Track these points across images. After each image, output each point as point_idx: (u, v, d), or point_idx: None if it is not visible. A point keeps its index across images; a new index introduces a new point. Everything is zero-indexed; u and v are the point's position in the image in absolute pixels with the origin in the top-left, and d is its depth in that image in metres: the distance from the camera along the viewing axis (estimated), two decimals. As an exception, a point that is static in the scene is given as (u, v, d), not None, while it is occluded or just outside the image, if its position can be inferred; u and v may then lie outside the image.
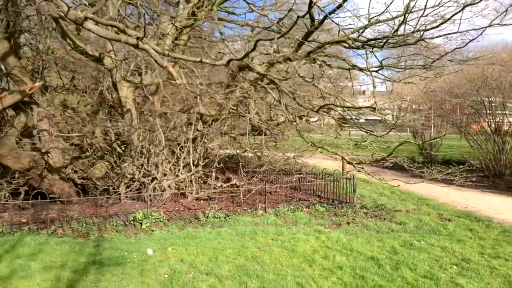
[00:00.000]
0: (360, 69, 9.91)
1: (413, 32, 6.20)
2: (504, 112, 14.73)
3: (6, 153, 7.14)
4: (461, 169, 7.33)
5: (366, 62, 7.20)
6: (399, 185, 7.53)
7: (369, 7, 9.20)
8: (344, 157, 8.25)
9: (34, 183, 7.84)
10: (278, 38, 6.27)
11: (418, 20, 5.96)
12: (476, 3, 5.07)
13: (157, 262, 5.16)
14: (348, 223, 7.58)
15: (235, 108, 9.30)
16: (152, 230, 6.64)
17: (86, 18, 4.99)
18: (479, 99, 14.78)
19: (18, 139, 7.91)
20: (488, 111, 15.25)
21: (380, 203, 9.22)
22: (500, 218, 8.06)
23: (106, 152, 9.06)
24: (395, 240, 6.42)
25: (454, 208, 9.01)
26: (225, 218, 7.51)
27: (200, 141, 9.63)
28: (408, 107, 18.87)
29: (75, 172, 9.21)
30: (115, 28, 5.24)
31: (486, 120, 15.34)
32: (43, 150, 8.31)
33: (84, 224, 6.74)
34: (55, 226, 6.54)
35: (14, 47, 7.80)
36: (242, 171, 10.09)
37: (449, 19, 5.47)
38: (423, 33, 6.54)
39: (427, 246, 6.15)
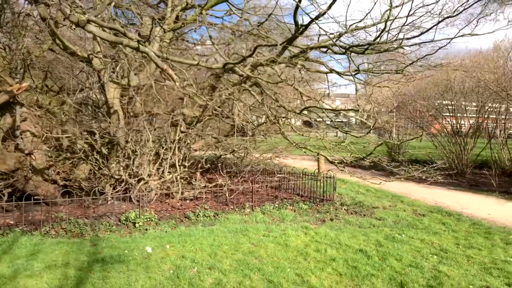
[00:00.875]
0: (338, 73, 10.40)
1: (395, 40, 6.67)
2: (465, 115, 15.74)
3: (-9, 154, 7.03)
4: (435, 168, 7.90)
5: (350, 67, 7.63)
6: (380, 183, 8.01)
7: (346, 15, 9.70)
8: (327, 157, 8.65)
9: (19, 185, 7.73)
10: (281, 44, 6.54)
11: (400, 30, 6.44)
12: (455, 15, 5.59)
13: (159, 259, 5.32)
14: (332, 219, 7.99)
15: (219, 109, 9.52)
16: (146, 229, 6.76)
17: (88, 21, 5.09)
18: (443, 102, 15.71)
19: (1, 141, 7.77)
20: (450, 114, 16.27)
21: (358, 200, 9.71)
22: (467, 213, 8.73)
23: (90, 153, 9.03)
24: (378, 234, 6.87)
25: (426, 204, 9.65)
26: (214, 217, 7.72)
27: (184, 142, 9.78)
28: (379, 109, 19.71)
29: (58, 173, 9.13)
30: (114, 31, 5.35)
31: (449, 122, 16.34)
32: (26, 151, 8.20)
33: (76, 225, 6.76)
34: (47, 227, 6.52)
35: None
36: (224, 172, 10.31)
37: (429, 29, 5.97)
38: (402, 41, 7.04)
39: (407, 239, 6.63)
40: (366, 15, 8.53)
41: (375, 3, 7.76)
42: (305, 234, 6.76)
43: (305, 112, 9.12)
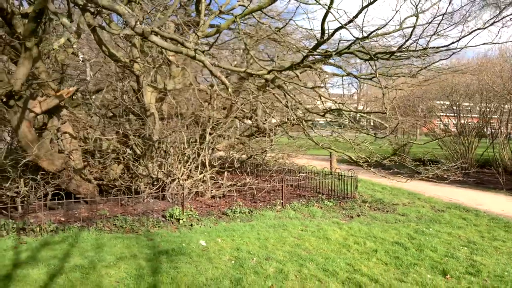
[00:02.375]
0: (355, 77, 10.89)
1: (424, 49, 7.17)
2: (469, 115, 16.37)
3: (42, 155, 7.39)
4: (455, 167, 8.43)
5: (376, 72, 8.10)
6: (407, 181, 8.51)
7: (362, 22, 10.16)
8: (351, 156, 9.15)
9: (63, 185, 8.10)
10: (335, 54, 6.98)
11: (430, 39, 6.93)
12: (485, 28, 6.10)
13: (216, 251, 5.76)
14: (358, 215, 8.48)
15: (245, 111, 9.97)
16: (191, 225, 7.19)
17: (152, 32, 5.51)
18: (448, 103, 16.32)
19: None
20: (455, 114, 16.89)
21: (377, 197, 10.22)
22: (483, 209, 9.28)
23: (125, 154, 9.42)
24: (407, 228, 7.38)
25: (442, 200, 10.19)
26: (249, 213, 8.16)
27: (211, 143, 10.21)
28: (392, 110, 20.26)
29: (91, 173, 9.51)
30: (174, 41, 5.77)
31: (454, 122, 16.96)
32: (66, 152, 8.58)
33: (124, 221, 7.16)
34: (100, 223, 6.93)
35: (40, 53, 8.03)
36: (248, 171, 10.77)
37: (459, 39, 6.46)
38: (427, 49, 7.54)
39: (435, 233, 7.14)
40: (387, 23, 9.06)
41: (396, 12, 8.25)
42: (339, 228, 7.24)
43: (331, 113, 9.59)
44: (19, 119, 6.98)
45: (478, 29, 6.01)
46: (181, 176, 9.03)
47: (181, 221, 7.35)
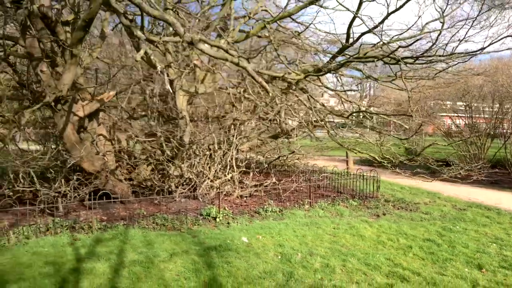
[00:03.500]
0: (375, 79, 11.21)
1: (452, 54, 7.49)
2: (482, 115, 16.66)
3: (83, 156, 7.73)
4: (478, 167, 8.74)
5: (402, 75, 8.44)
6: (432, 180, 8.81)
7: (382, 27, 10.44)
8: (376, 157, 9.46)
9: (100, 185, 8.44)
10: (362, 58, 7.28)
11: (457, 46, 7.25)
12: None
13: (260, 247, 6.09)
14: (384, 214, 8.79)
15: (271, 113, 10.30)
16: (228, 223, 7.52)
17: (200, 40, 5.85)
18: (463, 104, 16.62)
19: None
20: (468, 115, 17.19)
21: (398, 197, 10.52)
22: (503, 207, 9.57)
23: (154, 155, 9.77)
24: (434, 226, 7.69)
25: (461, 200, 10.49)
26: (280, 212, 8.48)
27: (236, 145, 10.54)
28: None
29: (122, 174, 9.85)
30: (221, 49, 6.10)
31: (467, 122, 17.27)
32: (101, 154, 8.92)
33: (163, 219, 7.49)
34: (143, 221, 7.27)
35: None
36: (272, 172, 11.10)
37: (487, 47, 6.77)
38: (453, 54, 7.86)
39: (462, 230, 7.45)
40: (409, 28, 9.41)
41: (419, 18, 8.58)
42: (370, 226, 7.55)
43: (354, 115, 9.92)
44: (65, 122, 7.33)
45: (508, 36, 6.32)
46: (212, 176, 9.36)
47: (217, 220, 7.67)
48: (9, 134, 7.11)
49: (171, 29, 10.00)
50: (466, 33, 6.93)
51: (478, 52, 7.24)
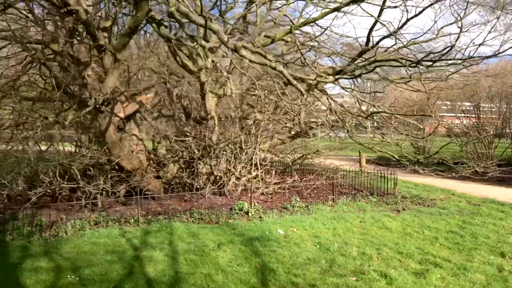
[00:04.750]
0: (391, 81, 11.70)
1: (471, 57, 7.99)
2: (491, 116, 17.17)
3: (123, 155, 8.21)
4: (493, 164, 9.21)
5: (421, 78, 8.92)
6: (451, 176, 9.26)
7: (397, 30, 10.88)
8: (394, 155, 9.94)
9: (136, 182, 8.91)
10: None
11: (476, 50, 7.74)
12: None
13: (297, 238, 6.56)
14: (403, 209, 9.26)
15: (292, 113, 10.78)
16: (260, 217, 8.00)
17: (242, 46, 6.33)
18: (471, 104, 17.14)
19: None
20: (475, 115, 17.69)
21: (414, 193, 11.00)
22: (515, 203, 10.07)
23: (180, 154, 10.24)
24: (454, 220, 8.17)
25: (475, 196, 10.96)
26: (306, 207, 8.96)
27: (258, 144, 11.02)
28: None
29: (151, 172, 10.33)
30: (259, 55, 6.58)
31: (474, 122, 17.77)
32: (135, 153, 9.40)
33: (200, 214, 7.96)
34: (182, 216, 7.75)
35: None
36: (292, 170, 11.58)
37: (506, 50, 7.24)
38: (470, 58, 8.35)
39: (481, 223, 7.93)
40: (425, 32, 9.90)
41: (435, 22, 9.06)
42: (394, 220, 8.03)
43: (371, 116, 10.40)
44: (108, 123, 7.80)
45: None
46: (238, 173, 9.83)
47: (250, 214, 8.15)
48: (57, 135, 7.57)
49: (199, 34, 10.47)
50: (485, 39, 7.40)
51: (494, 55, 7.72)
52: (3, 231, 6.34)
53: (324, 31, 11.84)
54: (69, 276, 4.83)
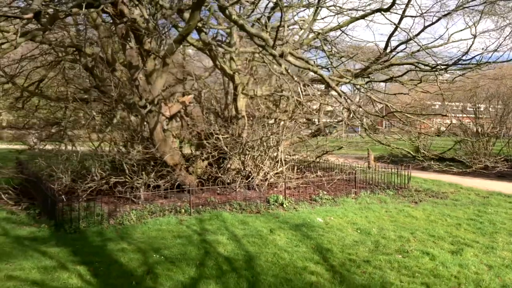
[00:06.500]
0: (402, 83, 12.52)
1: (487, 63, 8.82)
2: (489, 116, 18.14)
3: (167, 151, 8.85)
4: (502, 159, 10.06)
5: (437, 80, 9.73)
6: (466, 171, 10.08)
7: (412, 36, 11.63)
8: (411, 152, 10.75)
9: (177, 177, 9.56)
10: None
11: (490, 56, 8.55)
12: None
13: (337, 225, 7.31)
14: (420, 200, 10.07)
15: (314, 113, 11.54)
16: (294, 208, 8.73)
17: (289, 53, 7.05)
18: (469, 105, 18.10)
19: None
20: (475, 115, 18.67)
21: (426, 187, 11.84)
22: (520, 195, 10.96)
23: (211, 151, 10.91)
24: (469, 209, 8.99)
25: (481, 189, 11.83)
26: (333, 200, 9.71)
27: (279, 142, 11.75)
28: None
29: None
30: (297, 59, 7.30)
31: (474, 122, 18.74)
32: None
33: (239, 206, 8.65)
34: (225, 206, 8.43)
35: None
36: (312, 166, 12.33)
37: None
38: (481, 62, 9.19)
39: (495, 212, 8.76)
40: (437, 38, 10.74)
41: (447, 29, 9.89)
42: (416, 209, 8.83)
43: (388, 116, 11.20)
44: (156, 122, 8.45)
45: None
46: (267, 168, 10.55)
47: (284, 205, 8.87)
48: (104, 134, 8.18)
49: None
50: (499, 45, 8.24)
51: (507, 61, 8.56)
52: (75, 220, 6.95)
53: (341, 33, 12.67)
54: (154, 255, 5.50)
